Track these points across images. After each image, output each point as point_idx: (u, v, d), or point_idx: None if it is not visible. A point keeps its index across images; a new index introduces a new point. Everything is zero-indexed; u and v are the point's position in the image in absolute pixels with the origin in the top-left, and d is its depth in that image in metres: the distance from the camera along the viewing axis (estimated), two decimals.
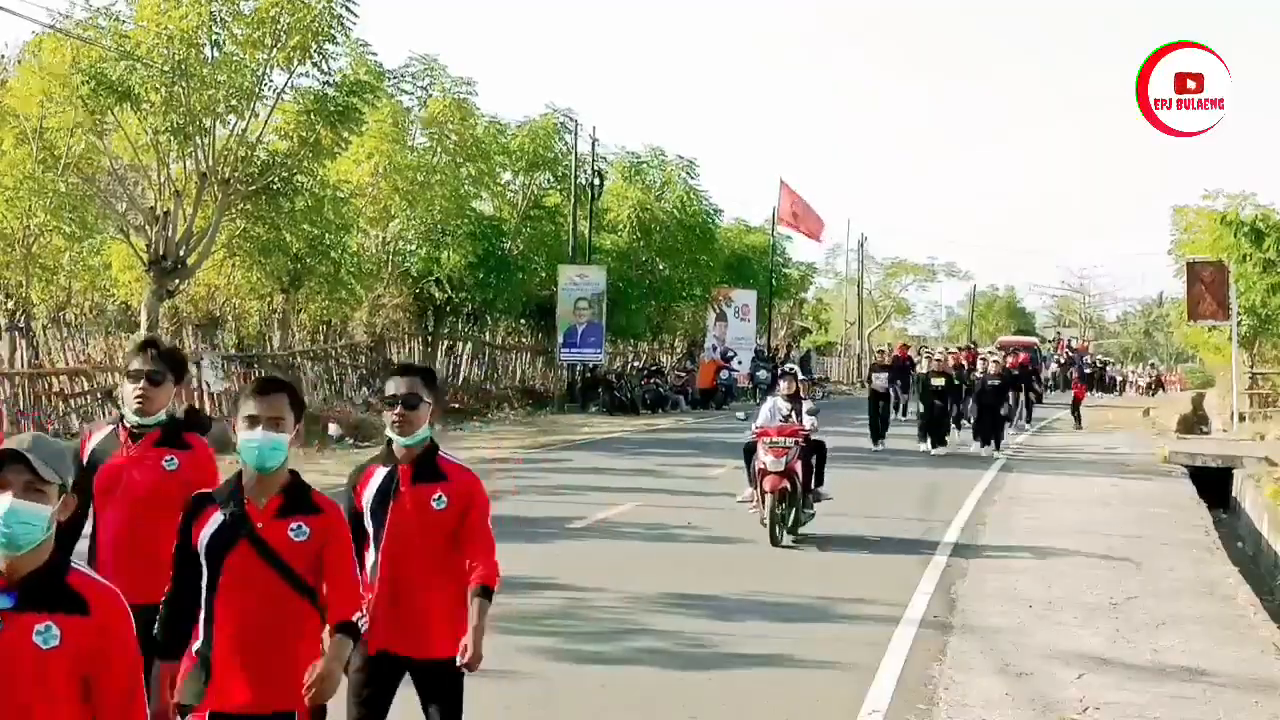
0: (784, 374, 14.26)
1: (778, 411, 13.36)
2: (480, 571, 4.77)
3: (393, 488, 4.83)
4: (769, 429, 13.04)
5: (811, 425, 13.35)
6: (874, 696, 7.68)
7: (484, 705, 7.40)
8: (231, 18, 21.64)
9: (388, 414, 4.84)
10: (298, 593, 4.18)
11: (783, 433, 12.97)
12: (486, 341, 35.42)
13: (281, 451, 4.21)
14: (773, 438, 12.90)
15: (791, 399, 13.52)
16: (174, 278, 22.12)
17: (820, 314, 70.15)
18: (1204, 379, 49.14)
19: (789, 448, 12.83)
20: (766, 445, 12.86)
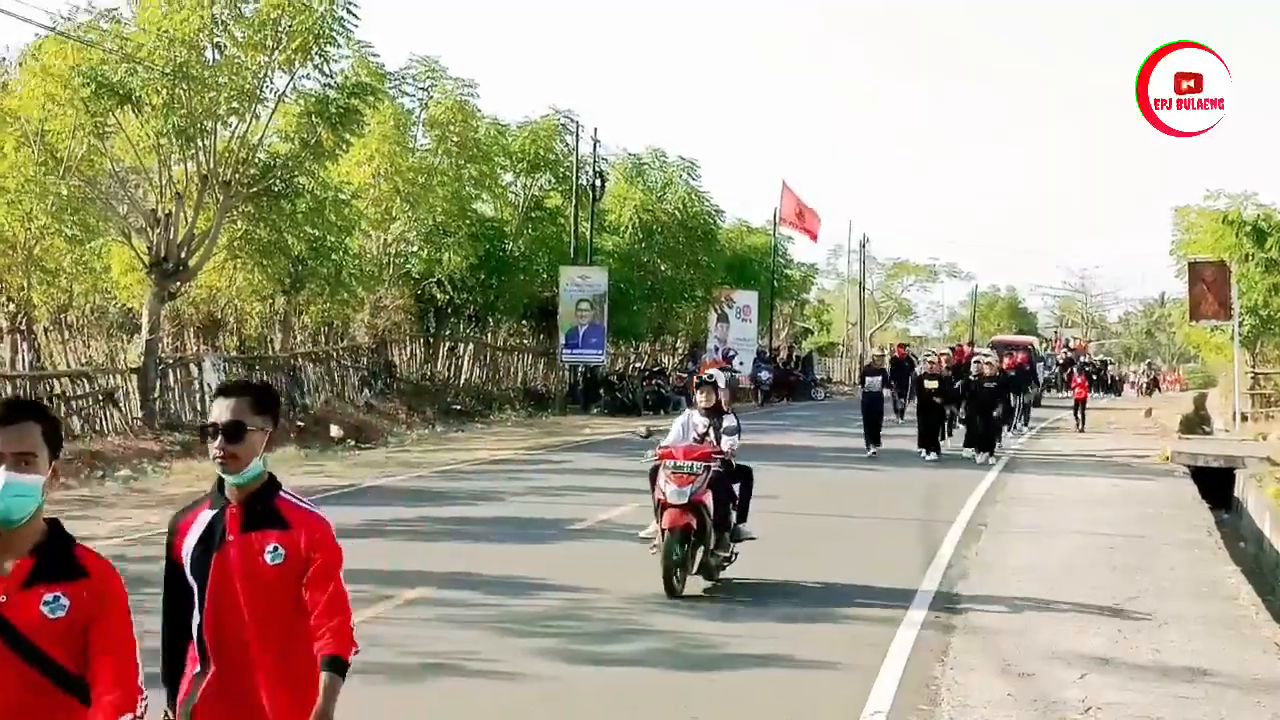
0: (701, 382, 11.45)
1: (691, 428, 10.96)
2: (329, 640, 3.81)
3: (218, 536, 3.92)
4: (675, 449, 10.59)
5: (731, 447, 10.78)
6: (876, 697, 7.68)
7: (484, 706, 7.42)
8: (233, 20, 21.65)
9: (210, 446, 3.96)
10: (56, 684, 3.36)
11: (690, 455, 10.47)
12: (488, 343, 35.42)
13: (33, 498, 3.34)
14: (677, 461, 10.42)
15: (710, 413, 11.04)
16: (175, 280, 22.14)
17: (822, 315, 70.13)
18: (1205, 379, 49.15)
19: (696, 474, 10.33)
20: (669, 471, 10.35)
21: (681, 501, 10.19)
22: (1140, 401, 44.86)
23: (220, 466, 3.94)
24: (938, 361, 24.37)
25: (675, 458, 10.48)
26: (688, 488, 10.25)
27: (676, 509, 10.20)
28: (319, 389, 27.32)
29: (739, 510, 11.08)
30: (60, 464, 3.54)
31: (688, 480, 10.30)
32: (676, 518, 10.18)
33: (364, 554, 12.01)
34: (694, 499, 10.23)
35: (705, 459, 10.47)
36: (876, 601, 10.33)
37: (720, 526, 10.67)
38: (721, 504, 10.66)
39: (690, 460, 10.40)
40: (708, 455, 10.53)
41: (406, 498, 16.27)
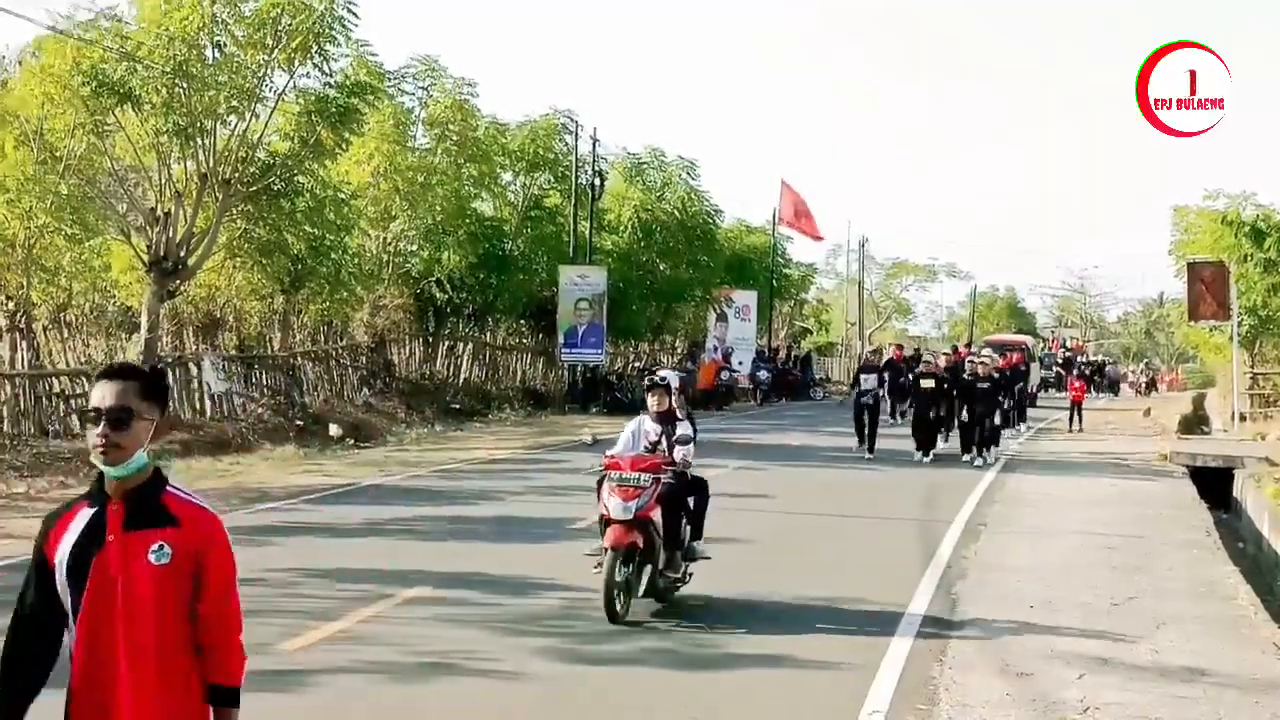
0: (652, 385, 10.26)
1: (642, 436, 10.02)
2: (219, 664, 3.50)
3: (97, 535, 3.47)
4: (621, 460, 9.65)
5: (684, 457, 9.74)
6: (875, 697, 7.69)
7: (483, 706, 7.42)
8: (232, 19, 21.64)
9: (90, 434, 3.54)
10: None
11: (638, 465, 9.52)
12: (487, 342, 35.43)
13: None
14: (623, 472, 9.47)
15: (662, 419, 10.02)
16: (175, 279, 22.12)
17: (821, 315, 70.12)
18: (1204, 379, 49.16)
19: (644, 487, 9.34)
20: (614, 483, 9.39)
21: (626, 517, 9.18)
22: (1138, 401, 44.85)
23: (100, 457, 3.51)
24: (932, 362, 24.07)
25: (621, 469, 9.49)
26: (634, 502, 9.24)
27: (621, 525, 9.19)
28: (318, 388, 27.33)
29: (693, 526, 10.06)
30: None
31: (634, 494, 9.30)
32: (620, 535, 9.16)
33: (363, 553, 12.04)
34: (640, 515, 9.24)
35: (654, 470, 9.47)
36: (876, 601, 10.33)
37: (671, 545, 9.68)
38: (673, 520, 9.66)
39: (638, 472, 9.42)
40: (657, 466, 9.52)
41: (405, 497, 16.28)
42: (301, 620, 9.17)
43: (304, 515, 14.71)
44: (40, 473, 17.52)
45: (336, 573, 10.91)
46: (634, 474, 9.44)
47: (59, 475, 17.57)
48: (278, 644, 8.45)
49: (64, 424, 20.12)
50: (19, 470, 17.38)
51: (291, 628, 8.93)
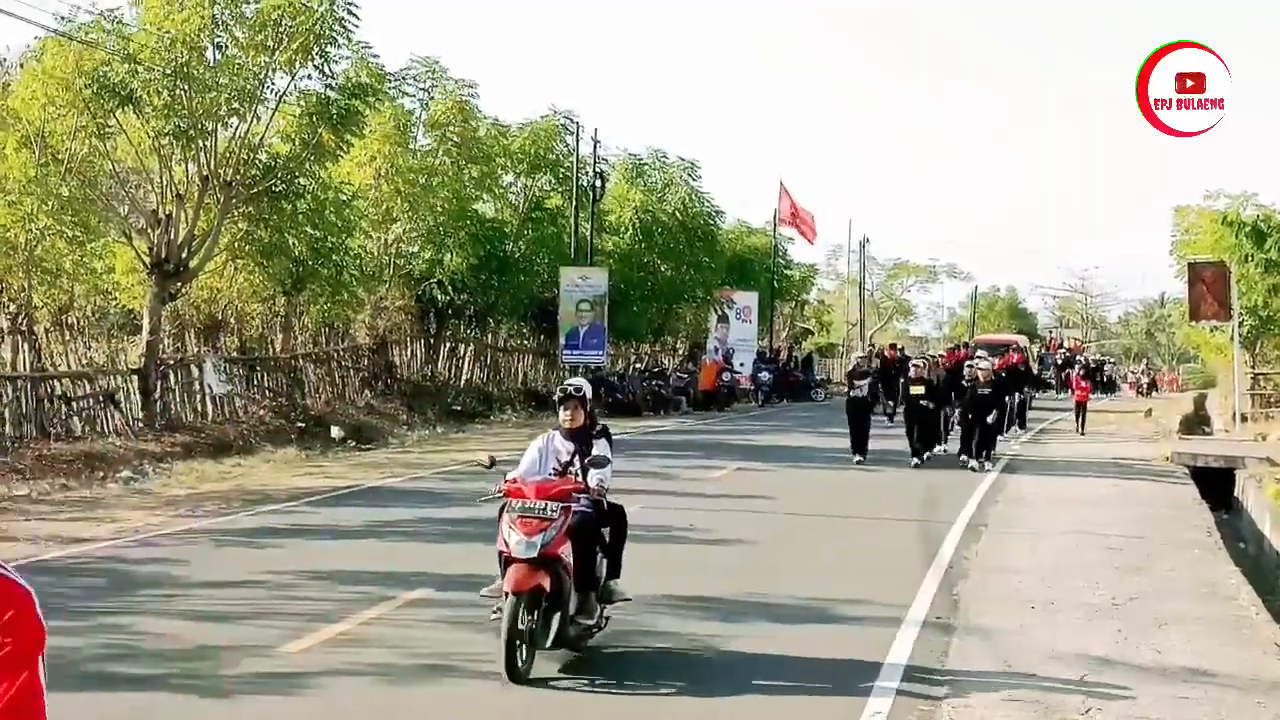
0: (564, 395, 8.58)
1: (551, 455, 8.49)
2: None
3: None
4: (525, 484, 8.13)
5: (600, 482, 8.24)
6: (876, 697, 7.69)
7: (483, 706, 7.42)
8: (234, 20, 21.67)
9: None
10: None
11: (544, 493, 8.01)
12: (488, 343, 35.44)
13: None
14: (526, 500, 7.99)
15: (575, 436, 8.48)
16: (176, 281, 22.15)
17: (822, 315, 70.15)
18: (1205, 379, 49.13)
19: (551, 518, 7.88)
20: (515, 514, 7.94)
21: (530, 555, 7.74)
22: (1139, 402, 44.84)
23: None
24: (923, 366, 23.17)
25: (524, 496, 7.99)
26: (539, 537, 7.79)
27: (523, 565, 7.76)
28: (320, 390, 27.34)
29: (610, 563, 8.61)
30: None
31: (539, 527, 7.84)
32: (523, 577, 7.71)
33: (365, 555, 12.05)
34: (547, 551, 7.80)
35: (564, 498, 8.00)
36: (877, 601, 10.33)
37: (585, 585, 8.22)
38: (586, 557, 8.22)
39: (544, 500, 7.93)
40: (567, 494, 8.04)
41: (407, 499, 16.29)
42: (303, 622, 9.18)
43: (305, 517, 14.73)
44: (42, 475, 17.52)
45: (338, 575, 10.91)
46: (539, 503, 7.90)
47: (60, 478, 17.58)
48: (279, 646, 8.47)
49: (65, 426, 20.13)
50: (20, 473, 17.39)
51: (293, 630, 8.94)
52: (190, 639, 8.73)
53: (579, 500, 8.16)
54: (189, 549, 12.48)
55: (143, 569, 11.40)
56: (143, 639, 8.78)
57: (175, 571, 11.24)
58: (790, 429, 29.64)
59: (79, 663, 8.14)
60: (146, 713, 7.29)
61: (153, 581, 10.82)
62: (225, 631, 8.96)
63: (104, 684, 7.69)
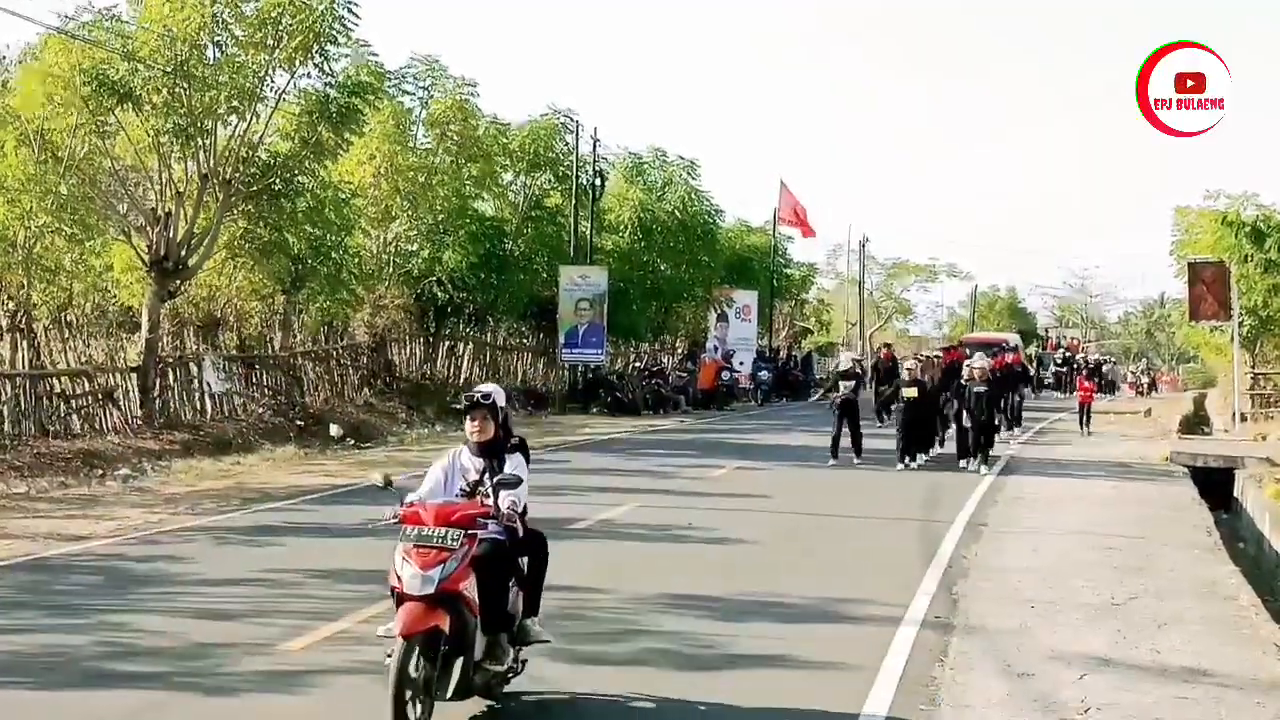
0: (471, 404, 7.43)
1: (457, 474, 7.40)
2: None
3: None
4: (423, 509, 6.94)
5: (512, 505, 7.05)
6: (875, 697, 7.69)
7: (484, 707, 7.41)
8: (233, 19, 21.66)
9: None
10: None
11: (445, 517, 6.81)
12: (488, 342, 35.44)
13: None
14: (422, 527, 6.80)
15: (486, 450, 7.36)
16: (175, 279, 22.14)
17: (821, 315, 70.14)
18: (1205, 379, 49.14)
19: (452, 548, 6.70)
20: (410, 542, 6.76)
21: (426, 591, 6.57)
22: (1139, 402, 44.84)
23: None
24: (916, 367, 22.54)
25: (421, 522, 6.82)
26: (436, 570, 6.61)
27: (418, 603, 6.58)
28: (319, 388, 27.33)
29: (528, 599, 7.41)
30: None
31: (438, 558, 6.65)
32: (417, 617, 6.53)
33: (363, 553, 12.02)
34: (446, 587, 6.62)
35: (468, 524, 6.81)
36: (876, 601, 10.33)
37: (494, 625, 7.04)
38: (495, 592, 7.02)
39: (443, 527, 6.75)
40: (471, 519, 6.84)
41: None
42: (302, 620, 9.17)
43: (304, 515, 14.72)
44: (41, 473, 17.53)
45: (337, 573, 10.91)
46: (438, 529, 6.73)
47: (59, 475, 17.58)
48: (279, 644, 8.46)
49: (64, 424, 20.12)
50: (19, 470, 17.39)
51: (292, 628, 8.93)
52: (190, 637, 8.72)
53: (488, 526, 6.95)
54: (188, 547, 12.48)
55: (142, 567, 11.39)
56: (142, 637, 8.78)
57: (174, 569, 11.24)
58: (790, 428, 29.64)
59: (78, 661, 8.14)
60: (146, 711, 7.29)
61: (152, 579, 10.82)
62: (225, 629, 8.95)
63: (103, 682, 7.69)
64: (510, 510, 7.02)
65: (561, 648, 8.62)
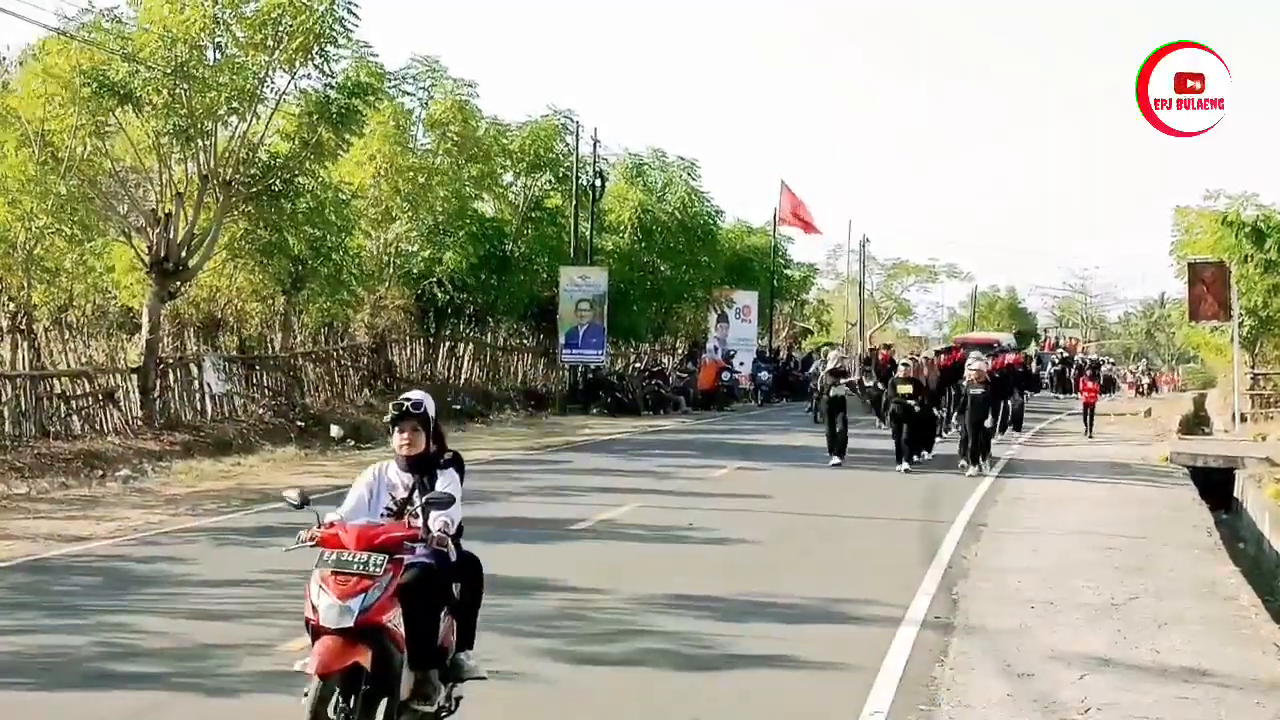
0: (399, 414, 6.63)
1: (384, 491, 6.63)
2: None
3: None
4: (343, 530, 6.15)
5: (444, 527, 6.30)
6: (875, 697, 7.69)
7: (484, 706, 7.42)
8: (234, 20, 21.66)
9: None
10: None
11: (367, 540, 6.05)
12: (488, 343, 35.45)
13: None
14: (341, 551, 6.05)
15: (416, 465, 6.62)
16: (176, 280, 22.14)
17: (822, 315, 70.17)
18: (1205, 379, 49.14)
19: (374, 575, 5.95)
20: (327, 568, 6.00)
21: (344, 624, 5.85)
22: (1139, 402, 44.84)
23: None
24: (912, 367, 22.17)
25: (341, 545, 6.06)
26: (356, 600, 5.88)
27: (336, 638, 5.86)
28: (319, 388, 27.34)
29: (461, 631, 6.68)
30: None
31: (358, 586, 5.91)
32: (333, 654, 5.82)
33: None
34: (367, 619, 5.90)
35: (393, 547, 6.06)
36: (876, 601, 10.33)
37: (422, 660, 6.32)
38: (423, 623, 6.26)
39: (365, 551, 6.00)
40: (398, 541, 6.10)
41: None
42: (302, 620, 9.16)
43: (304, 516, 14.69)
44: (41, 474, 17.54)
45: None
46: (359, 554, 5.99)
47: (60, 476, 17.58)
48: (280, 644, 8.46)
49: (65, 425, 20.13)
50: (20, 471, 17.40)
51: (293, 628, 8.89)
52: (190, 638, 8.73)
53: (415, 549, 6.20)
54: (188, 548, 12.49)
55: (142, 568, 11.40)
56: (142, 638, 8.78)
57: (175, 570, 11.24)
58: (790, 428, 29.63)
59: (79, 661, 8.14)
60: (146, 711, 7.29)
61: (152, 580, 10.82)
62: (225, 630, 8.96)
63: (104, 682, 7.70)
64: (441, 532, 6.27)
65: (562, 648, 8.65)
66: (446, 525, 6.33)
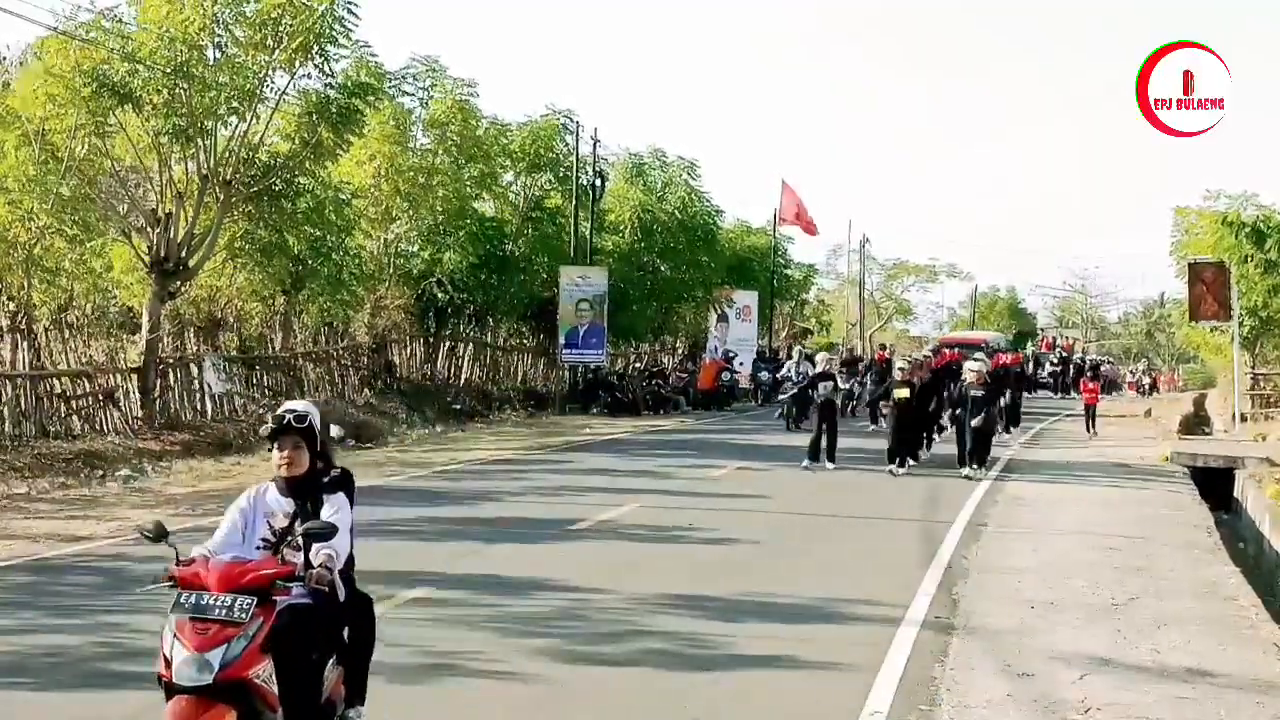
0: (277, 428, 5.97)
1: (260, 519, 5.93)
2: None
3: None
4: (207, 567, 5.41)
5: (326, 563, 5.50)
6: (875, 697, 7.69)
7: (484, 706, 7.43)
8: (234, 19, 21.66)
9: None
10: None
11: (232, 578, 5.30)
12: (488, 343, 35.44)
13: None
14: (201, 593, 5.28)
15: (298, 488, 5.91)
16: (176, 280, 22.14)
17: (822, 315, 70.15)
18: (1205, 380, 49.13)
19: (239, 621, 5.17)
20: (185, 614, 5.25)
21: (202, 680, 5.07)
22: (1139, 402, 44.84)
23: None
24: (908, 369, 21.69)
25: (201, 585, 5.25)
26: (216, 652, 5.07)
27: (190, 699, 5.09)
28: (319, 389, 27.32)
29: (349, 683, 5.85)
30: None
31: (220, 635, 5.08)
32: (188, 716, 5.05)
33: (364, 554, 11.97)
34: (229, 674, 5.09)
35: (264, 588, 5.23)
36: (877, 601, 10.33)
37: (302, 716, 5.39)
38: (302, 678, 5.40)
39: (229, 593, 5.19)
40: (268, 581, 5.26)
41: (406, 498, 16.28)
42: None
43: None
44: (41, 474, 17.54)
45: None
46: (222, 596, 5.16)
47: (59, 476, 17.58)
48: None
49: (65, 425, 20.13)
50: (19, 471, 17.40)
51: None
52: None
53: (292, 589, 5.32)
54: (189, 548, 12.44)
55: (142, 567, 11.37)
56: (142, 638, 8.77)
57: None
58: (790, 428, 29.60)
59: (79, 661, 8.14)
60: (146, 711, 7.28)
61: (152, 580, 10.77)
62: None
63: (103, 682, 7.70)
64: (323, 568, 5.37)
65: (561, 648, 8.65)
66: (330, 560, 5.45)
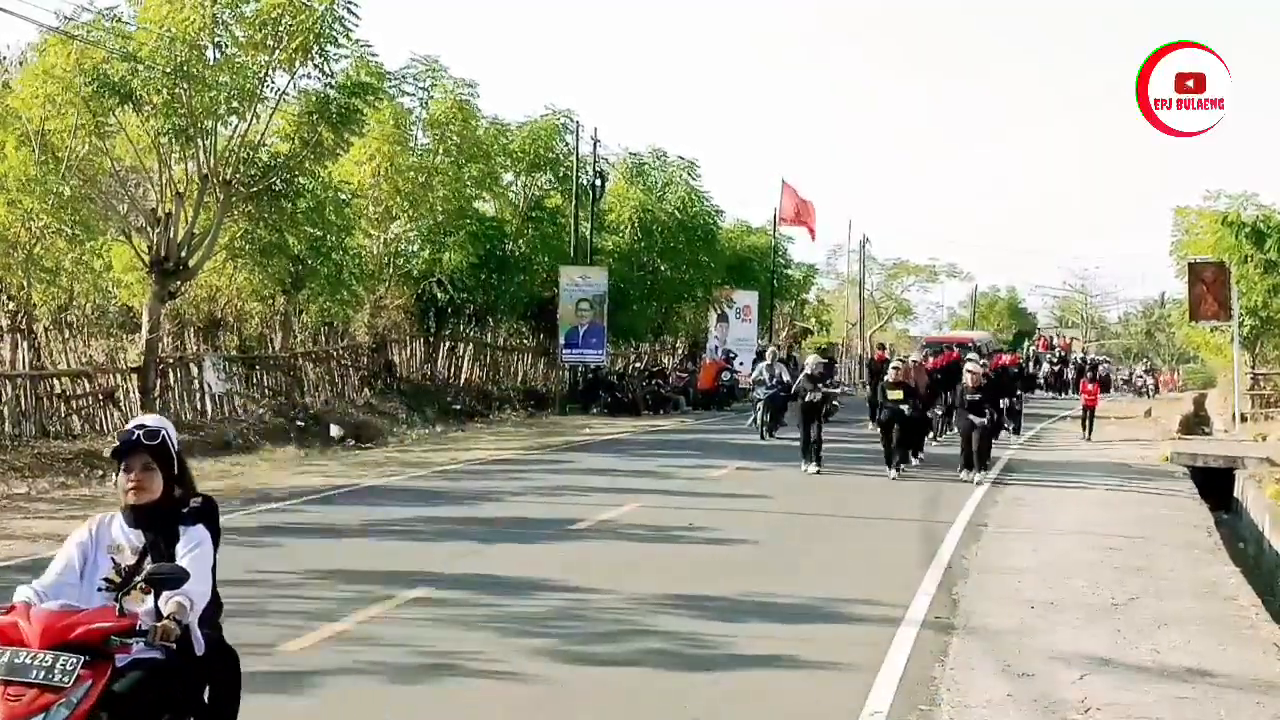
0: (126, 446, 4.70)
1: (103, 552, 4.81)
2: None
3: None
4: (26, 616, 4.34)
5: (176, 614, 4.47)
6: (875, 697, 7.68)
7: (484, 706, 7.42)
8: (233, 19, 21.65)
9: None
10: None
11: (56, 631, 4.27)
12: (488, 342, 35.44)
13: None
14: (16, 649, 4.23)
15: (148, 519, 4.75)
16: (176, 279, 22.13)
17: (822, 315, 70.15)
18: (1205, 379, 49.14)
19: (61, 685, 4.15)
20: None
21: None
22: (1138, 402, 44.83)
23: None
24: (901, 370, 21.30)
25: (19, 640, 4.30)
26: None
27: None
28: (319, 389, 27.33)
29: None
30: None
31: (35, 703, 4.14)
32: None
33: (364, 554, 12.04)
34: None
35: (93, 643, 4.30)
36: (876, 601, 10.33)
37: None
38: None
39: (50, 650, 4.24)
40: (101, 636, 4.32)
41: (406, 497, 16.28)
42: (302, 621, 9.17)
43: (305, 516, 14.72)
44: (41, 474, 17.53)
45: (337, 574, 10.91)
46: (42, 654, 4.22)
47: (59, 476, 17.58)
48: (279, 645, 8.46)
49: (65, 425, 20.12)
50: (19, 471, 17.40)
51: (292, 628, 8.93)
52: None
53: (133, 645, 4.39)
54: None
55: None
56: None
57: None
58: (790, 428, 29.59)
59: None
60: None
61: None
62: (224, 630, 8.93)
63: None
64: (170, 624, 4.42)
65: (561, 648, 8.64)
66: (181, 609, 4.48)
